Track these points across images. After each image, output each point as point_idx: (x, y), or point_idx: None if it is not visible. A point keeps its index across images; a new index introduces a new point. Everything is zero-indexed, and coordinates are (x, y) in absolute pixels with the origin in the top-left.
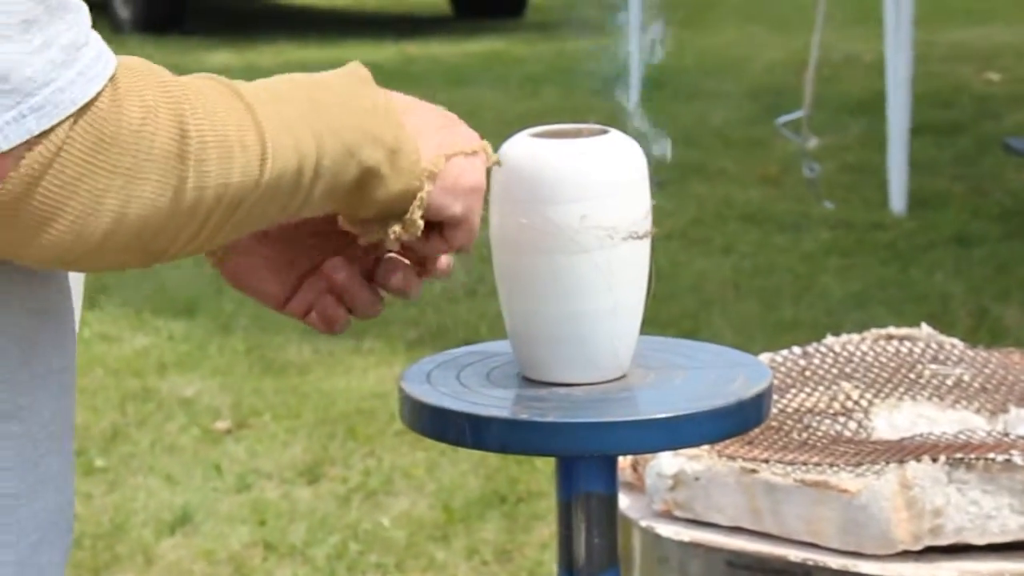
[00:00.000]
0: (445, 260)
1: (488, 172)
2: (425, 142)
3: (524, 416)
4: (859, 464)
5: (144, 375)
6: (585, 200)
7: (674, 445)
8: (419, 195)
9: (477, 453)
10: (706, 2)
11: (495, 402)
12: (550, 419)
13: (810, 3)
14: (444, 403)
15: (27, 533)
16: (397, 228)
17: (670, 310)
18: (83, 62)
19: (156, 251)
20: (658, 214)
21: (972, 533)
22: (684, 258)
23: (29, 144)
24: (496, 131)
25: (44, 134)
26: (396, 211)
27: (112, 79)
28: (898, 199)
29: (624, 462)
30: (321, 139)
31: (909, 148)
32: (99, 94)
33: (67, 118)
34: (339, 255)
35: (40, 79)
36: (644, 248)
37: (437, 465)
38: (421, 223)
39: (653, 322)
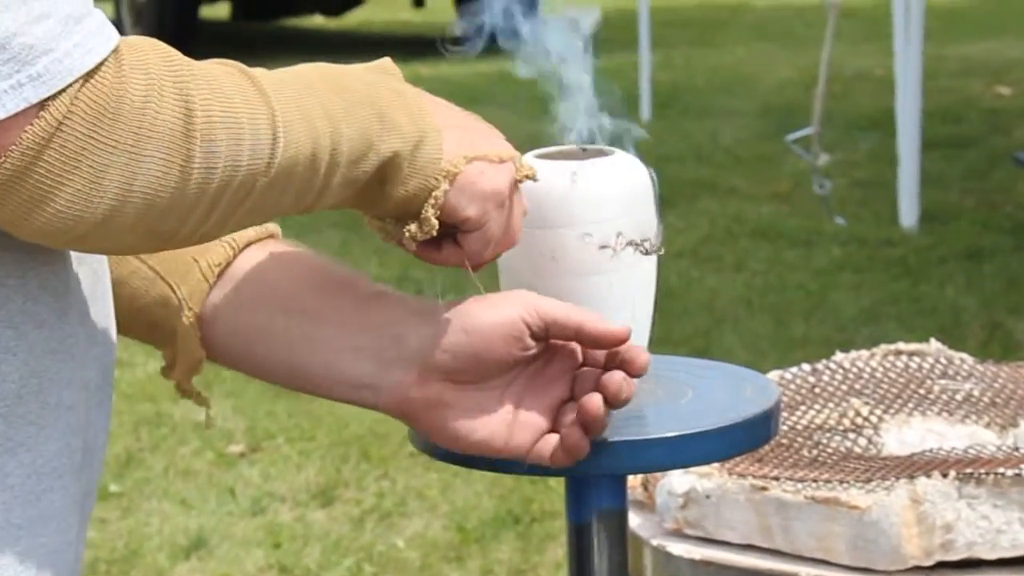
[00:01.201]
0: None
1: (517, 184)
2: (450, 141)
3: None
4: (869, 480)
5: (157, 400)
6: (589, 220)
7: (684, 463)
8: (435, 193)
9: (490, 474)
10: (717, 20)
11: None
12: None
13: (820, 20)
14: None
15: (27, 568)
16: (413, 227)
17: (682, 327)
18: (82, 33)
19: (165, 233)
20: (669, 232)
21: (983, 548)
22: (695, 275)
23: (29, 116)
24: None
25: (45, 107)
26: (413, 209)
27: (116, 55)
28: (909, 214)
29: (634, 481)
30: (338, 126)
31: (920, 163)
32: (100, 67)
33: (66, 89)
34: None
35: (40, 48)
36: (651, 266)
37: (451, 486)
38: (436, 223)
39: (664, 340)
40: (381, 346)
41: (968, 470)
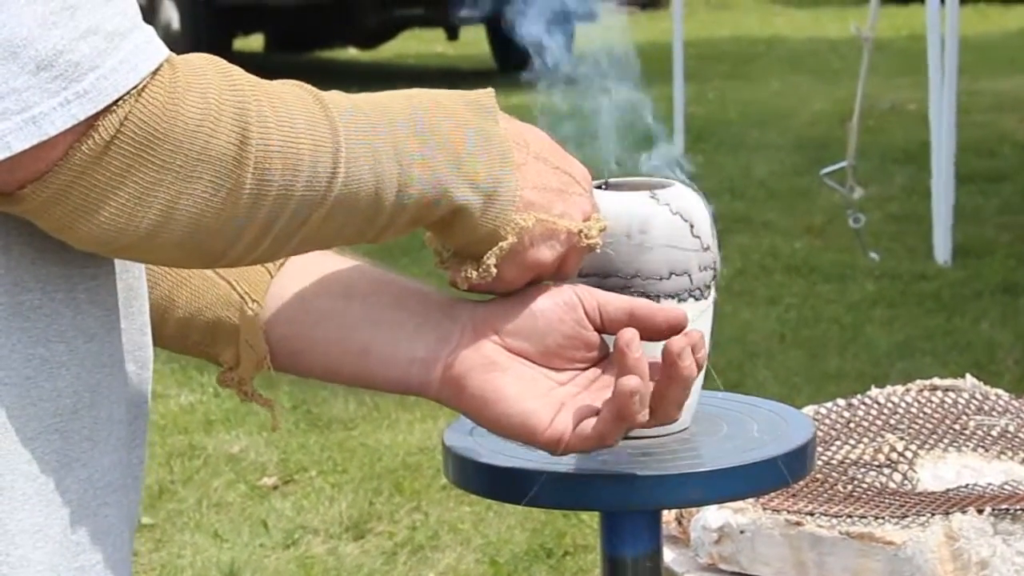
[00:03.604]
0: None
1: (577, 252)
2: (530, 191)
3: (566, 470)
4: (904, 516)
5: (190, 432)
6: (655, 252)
7: (718, 498)
8: (501, 244)
9: (523, 508)
10: (751, 53)
11: (538, 457)
12: (592, 472)
13: (854, 54)
14: (487, 459)
15: None
16: (471, 272)
17: (715, 361)
18: (127, 49)
19: (214, 253)
20: None
21: None
22: (729, 309)
23: (77, 133)
24: None
25: (94, 125)
26: (476, 252)
27: (173, 72)
28: (943, 249)
29: (669, 516)
30: (410, 169)
31: (954, 198)
32: (152, 85)
33: (115, 106)
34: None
35: (86, 65)
36: (710, 301)
37: (483, 519)
38: (495, 271)
39: None
40: (440, 320)
41: (1004, 506)
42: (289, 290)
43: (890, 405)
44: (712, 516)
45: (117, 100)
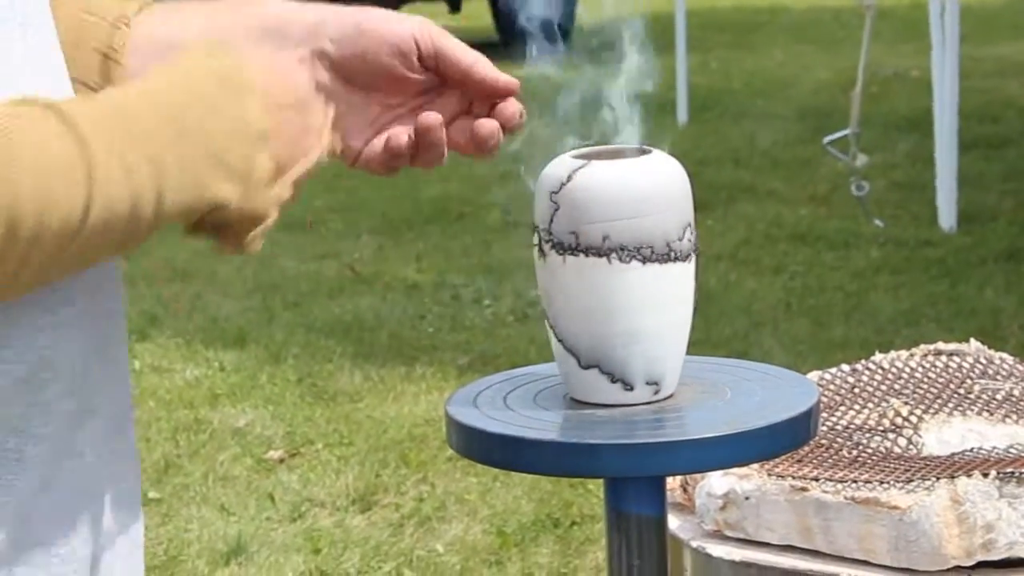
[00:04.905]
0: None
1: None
2: (283, 148)
3: (571, 439)
4: (909, 481)
5: (196, 406)
6: (589, 220)
7: (723, 464)
8: (266, 222)
9: (530, 477)
10: (753, 23)
11: (542, 425)
12: (597, 441)
13: (857, 22)
14: (491, 427)
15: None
16: (230, 248)
17: (721, 330)
18: None
19: None
20: (707, 235)
21: None
22: (734, 278)
23: None
24: (545, 156)
25: None
26: (236, 229)
27: None
28: (947, 215)
29: (673, 483)
30: (167, 175)
31: (957, 164)
32: None
33: None
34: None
35: None
36: (689, 266)
37: (490, 490)
38: (259, 247)
39: (704, 342)
40: (268, 28)
41: (1009, 469)
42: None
43: (894, 370)
44: (717, 483)
45: None
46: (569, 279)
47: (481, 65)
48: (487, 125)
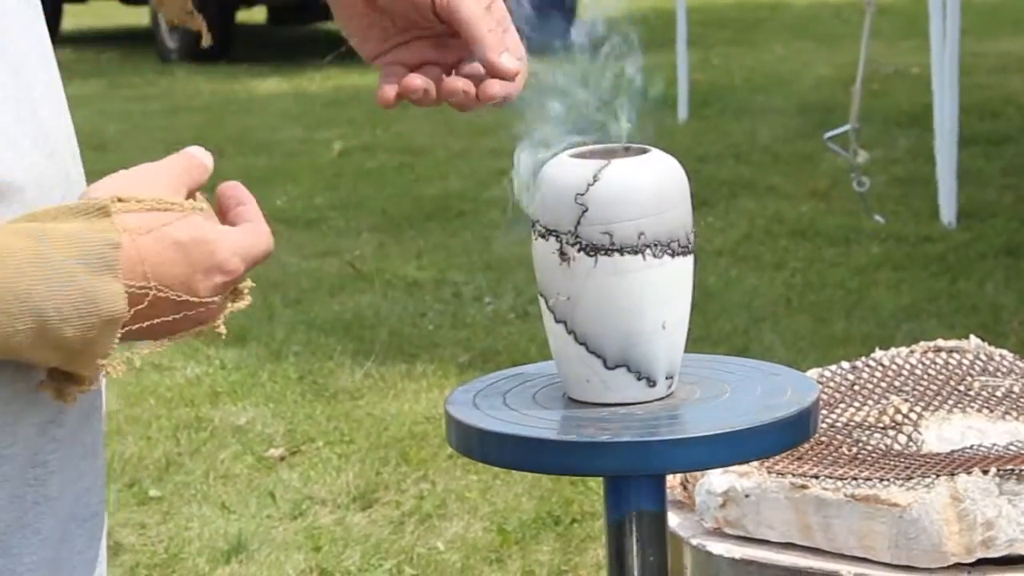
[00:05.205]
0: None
1: None
2: (153, 323)
3: (570, 437)
4: (909, 478)
5: (197, 404)
6: (625, 218)
7: (722, 462)
8: (87, 386)
9: (531, 475)
10: (754, 19)
11: (542, 424)
12: (597, 439)
13: (857, 18)
14: (491, 426)
15: None
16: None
17: (721, 326)
18: None
19: None
20: (708, 231)
21: None
22: (734, 274)
23: None
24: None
25: None
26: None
27: None
28: (948, 211)
29: (673, 480)
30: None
31: (958, 160)
32: None
33: None
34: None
35: None
36: (687, 265)
37: (491, 488)
38: (75, 400)
39: (704, 339)
40: None
41: (1009, 467)
42: None
43: (894, 367)
44: (717, 480)
45: None
46: (600, 280)
47: (490, 45)
48: (454, 83)
